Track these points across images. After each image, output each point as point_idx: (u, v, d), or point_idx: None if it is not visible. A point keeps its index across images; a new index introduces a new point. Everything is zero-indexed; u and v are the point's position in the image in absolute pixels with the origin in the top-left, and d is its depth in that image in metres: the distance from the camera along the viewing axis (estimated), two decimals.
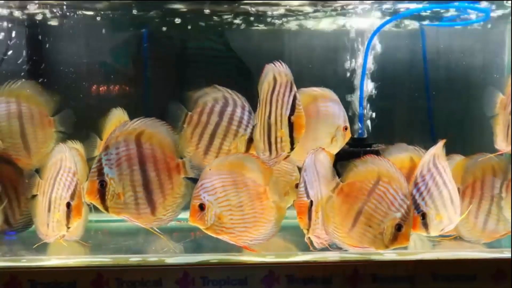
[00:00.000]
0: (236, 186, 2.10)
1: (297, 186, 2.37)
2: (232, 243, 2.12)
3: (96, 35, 2.97)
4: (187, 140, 2.30)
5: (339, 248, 2.15)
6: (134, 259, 2.12)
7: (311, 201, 2.13)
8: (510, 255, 2.15)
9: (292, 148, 2.04)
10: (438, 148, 2.26)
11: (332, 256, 2.15)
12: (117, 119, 2.48)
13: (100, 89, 3.03)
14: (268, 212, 2.15)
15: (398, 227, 2.03)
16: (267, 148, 2.08)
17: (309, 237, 2.15)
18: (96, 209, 2.27)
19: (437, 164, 2.25)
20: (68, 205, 2.13)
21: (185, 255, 2.20)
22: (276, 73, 2.06)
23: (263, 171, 2.13)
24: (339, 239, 2.13)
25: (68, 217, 2.14)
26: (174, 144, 2.12)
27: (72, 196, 2.13)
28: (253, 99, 2.19)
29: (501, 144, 2.33)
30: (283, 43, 3.03)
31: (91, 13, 2.81)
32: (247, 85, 2.86)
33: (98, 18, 2.88)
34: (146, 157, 2.07)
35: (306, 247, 2.18)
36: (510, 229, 2.30)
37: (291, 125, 2.01)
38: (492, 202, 2.36)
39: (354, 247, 2.12)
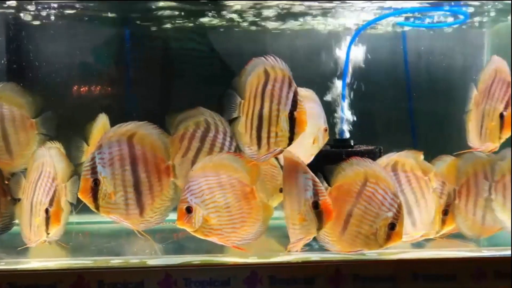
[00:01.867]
0: (223, 187, 2.10)
1: (281, 190, 2.38)
2: (221, 243, 2.12)
3: (77, 35, 2.94)
4: None
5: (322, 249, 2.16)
6: (115, 261, 2.11)
7: None
8: (488, 254, 2.22)
9: (289, 144, 2.03)
10: (400, 155, 2.26)
11: (314, 256, 2.16)
12: (103, 125, 2.48)
13: (82, 90, 3.01)
14: (255, 211, 2.15)
15: (392, 226, 2.04)
16: (255, 142, 2.08)
17: None
18: (77, 211, 2.26)
19: (397, 170, 2.27)
20: (47, 211, 2.13)
21: (167, 257, 2.20)
22: (268, 67, 2.06)
23: (249, 171, 2.13)
24: (330, 244, 2.14)
25: (47, 223, 2.14)
26: (165, 147, 2.13)
27: (51, 202, 2.14)
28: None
29: (474, 141, 2.36)
30: (265, 43, 3.05)
31: (71, 11, 2.78)
32: (227, 84, 2.84)
33: (79, 17, 2.85)
34: (138, 159, 2.08)
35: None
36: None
37: (292, 121, 2.00)
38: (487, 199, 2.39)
39: (348, 252, 2.12)
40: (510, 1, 2.26)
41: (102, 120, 2.50)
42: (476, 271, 2.10)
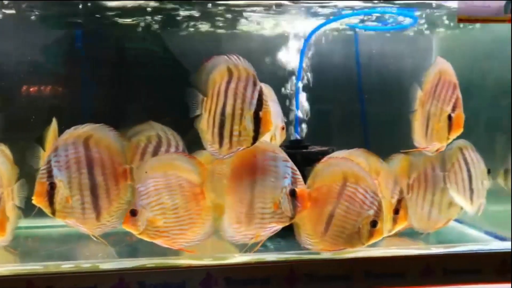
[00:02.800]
0: (170, 188, 2.09)
1: None
2: (167, 246, 2.11)
3: (27, 33, 2.86)
4: None
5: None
6: (66, 266, 2.06)
7: None
8: (436, 252, 2.28)
9: (253, 143, 2.03)
10: (351, 153, 2.27)
11: (269, 256, 2.17)
12: (54, 130, 2.36)
13: (31, 91, 2.92)
14: (205, 212, 2.14)
15: (373, 224, 2.08)
16: (217, 140, 2.06)
17: None
18: (26, 215, 2.19)
19: None
20: None
21: (120, 260, 2.15)
22: (231, 65, 2.04)
23: (199, 171, 2.13)
24: (312, 246, 2.15)
25: None
26: (122, 150, 2.11)
27: None
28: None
29: (420, 140, 2.41)
30: (220, 45, 3.05)
31: (20, 9, 2.70)
32: (185, 87, 2.83)
33: (29, 15, 2.77)
34: (94, 161, 2.05)
35: (244, 248, 2.19)
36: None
37: (257, 120, 2.00)
38: (434, 193, 2.49)
39: (330, 251, 2.14)
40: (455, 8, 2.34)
41: (54, 124, 2.44)
42: (424, 269, 2.16)
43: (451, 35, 3.07)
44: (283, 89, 2.85)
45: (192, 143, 2.27)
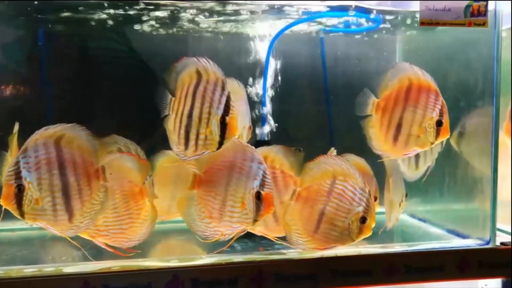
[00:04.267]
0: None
1: None
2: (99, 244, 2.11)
3: None
4: None
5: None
6: (29, 270, 2.04)
7: None
8: (400, 250, 2.33)
9: (218, 148, 2.05)
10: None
11: (236, 257, 2.19)
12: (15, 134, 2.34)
13: None
14: (144, 211, 2.16)
15: (363, 220, 2.13)
16: (182, 142, 2.08)
17: None
18: None
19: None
20: None
21: (85, 263, 2.13)
22: (200, 68, 2.06)
23: (140, 170, 2.15)
24: (303, 245, 2.19)
25: None
26: (94, 150, 2.08)
27: None
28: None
29: (381, 147, 2.40)
30: (187, 46, 3.04)
31: None
32: (151, 88, 2.80)
33: None
34: (66, 162, 2.01)
35: (211, 249, 2.21)
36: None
37: (223, 125, 2.02)
38: None
39: (320, 250, 2.17)
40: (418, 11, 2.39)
41: (16, 128, 2.39)
42: (389, 266, 2.22)
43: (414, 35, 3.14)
44: (249, 89, 2.87)
45: (159, 144, 2.28)
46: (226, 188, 2.11)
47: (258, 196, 2.06)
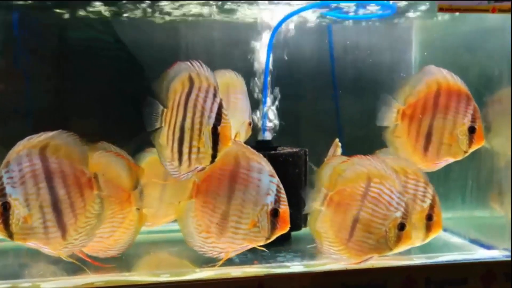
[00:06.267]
0: None
1: None
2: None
3: None
4: None
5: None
6: (3, 286, 1.96)
7: None
8: (418, 262, 2.24)
9: (212, 161, 1.98)
10: None
11: (234, 271, 2.10)
12: None
13: None
14: (129, 219, 2.12)
15: (401, 227, 2.05)
16: (176, 157, 2.01)
17: None
18: None
19: None
20: None
21: (65, 278, 2.05)
22: (193, 74, 2.00)
23: (130, 175, 2.12)
24: (336, 255, 2.13)
25: None
26: (83, 157, 2.00)
27: None
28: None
29: (413, 159, 2.34)
30: (178, 35, 2.91)
31: None
32: (136, 79, 2.75)
33: None
34: (54, 173, 1.93)
35: (205, 262, 2.13)
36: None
37: (215, 136, 1.95)
38: None
39: (357, 263, 2.10)
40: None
41: None
42: (406, 280, 2.13)
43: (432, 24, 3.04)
44: (248, 86, 2.72)
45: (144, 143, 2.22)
46: (228, 201, 2.03)
47: (275, 213, 1.99)
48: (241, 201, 2.02)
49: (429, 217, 2.18)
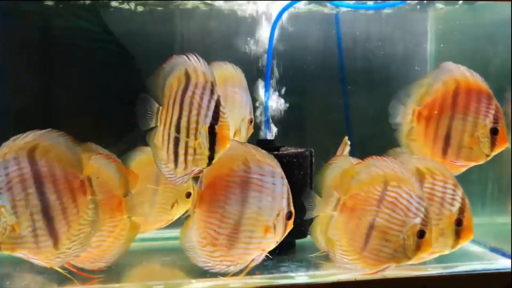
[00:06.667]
0: None
1: (188, 195, 2.28)
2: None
3: None
4: None
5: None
6: None
7: None
8: (434, 273, 2.17)
9: (209, 163, 1.89)
10: None
11: (233, 282, 2.02)
12: None
13: None
14: (120, 228, 2.05)
15: (420, 234, 1.96)
16: (171, 159, 1.93)
17: None
18: None
19: None
20: None
21: None
22: (190, 69, 1.92)
23: (122, 180, 2.05)
24: (350, 264, 2.06)
25: None
26: (76, 159, 1.93)
27: None
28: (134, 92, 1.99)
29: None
30: (172, 24, 2.80)
31: None
32: (128, 74, 2.64)
33: None
34: (43, 177, 1.86)
35: (201, 273, 2.05)
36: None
37: (212, 136, 1.87)
38: None
39: (372, 274, 2.03)
40: None
41: None
42: None
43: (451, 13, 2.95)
44: (249, 81, 2.61)
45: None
46: (240, 210, 1.95)
47: (289, 216, 1.98)
48: (257, 208, 1.96)
49: (459, 222, 2.07)
